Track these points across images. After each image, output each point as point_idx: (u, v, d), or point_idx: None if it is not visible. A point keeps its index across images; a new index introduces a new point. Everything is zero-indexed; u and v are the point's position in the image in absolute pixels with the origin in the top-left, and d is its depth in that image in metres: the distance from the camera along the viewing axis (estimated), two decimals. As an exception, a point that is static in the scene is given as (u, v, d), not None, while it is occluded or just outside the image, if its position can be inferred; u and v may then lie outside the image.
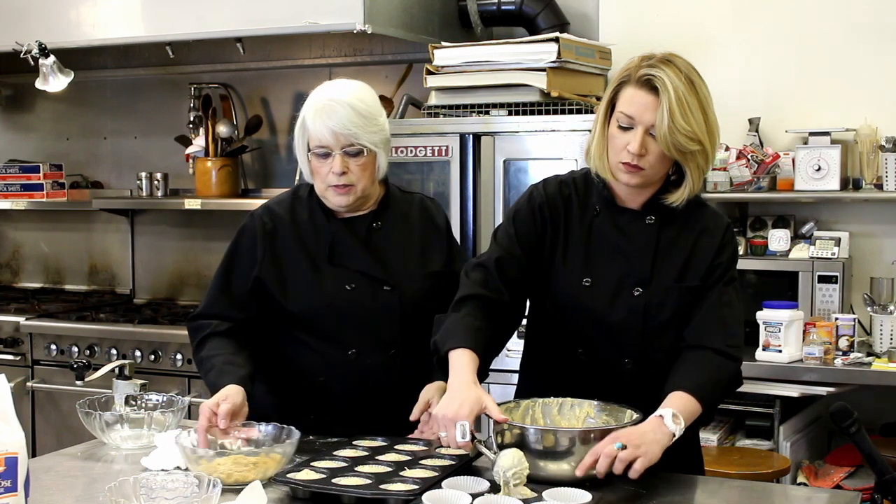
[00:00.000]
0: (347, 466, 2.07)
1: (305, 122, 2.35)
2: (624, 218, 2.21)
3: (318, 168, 2.36)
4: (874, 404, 3.68)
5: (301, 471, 2.03)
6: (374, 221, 2.44)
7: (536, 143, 3.69)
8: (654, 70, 2.08)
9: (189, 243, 5.04)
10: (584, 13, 4.24)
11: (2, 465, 1.66)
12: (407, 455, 2.16)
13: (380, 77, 4.52)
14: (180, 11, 4.09)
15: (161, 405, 2.41)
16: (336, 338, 2.39)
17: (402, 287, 2.40)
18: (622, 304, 2.18)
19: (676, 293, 2.18)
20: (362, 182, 2.35)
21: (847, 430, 2.08)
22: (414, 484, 1.96)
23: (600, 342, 2.21)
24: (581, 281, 2.20)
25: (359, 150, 2.32)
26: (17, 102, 5.43)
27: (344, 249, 2.41)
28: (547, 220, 2.24)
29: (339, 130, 2.30)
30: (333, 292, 2.38)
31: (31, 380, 4.43)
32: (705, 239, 2.20)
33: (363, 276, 2.39)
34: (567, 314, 2.22)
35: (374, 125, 2.34)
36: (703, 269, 2.18)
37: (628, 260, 2.19)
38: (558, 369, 2.23)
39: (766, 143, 3.92)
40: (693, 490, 2.07)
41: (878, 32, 3.83)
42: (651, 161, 2.11)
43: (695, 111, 2.07)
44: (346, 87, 2.38)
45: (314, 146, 2.34)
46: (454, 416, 1.99)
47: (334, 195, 2.36)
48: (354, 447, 2.22)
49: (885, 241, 3.85)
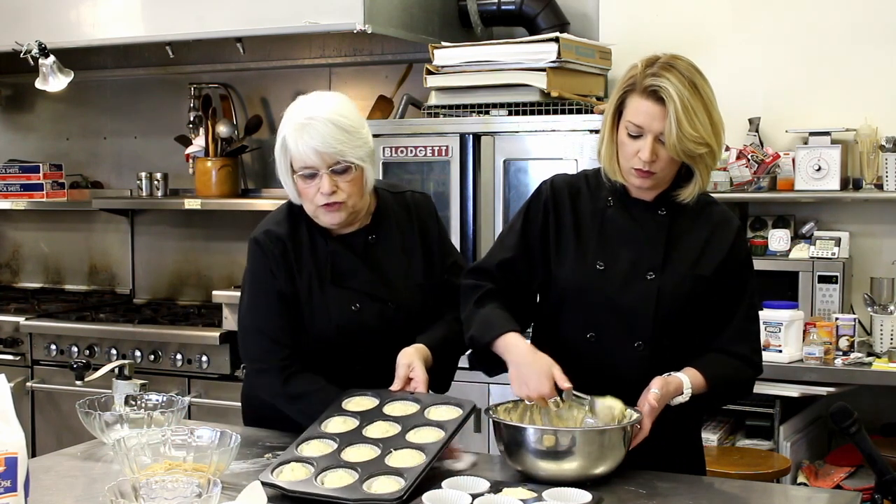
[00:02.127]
0: (335, 451, 2.08)
1: (287, 143, 2.25)
2: (637, 208, 2.25)
3: (304, 190, 2.28)
4: (874, 404, 3.68)
5: (287, 464, 2.04)
6: (369, 235, 2.40)
7: (536, 143, 3.69)
8: (658, 80, 2.10)
9: (189, 243, 5.04)
10: (584, 13, 4.24)
11: (2, 465, 1.66)
12: (396, 423, 2.17)
13: (380, 77, 4.52)
14: (180, 11, 4.09)
15: (161, 405, 2.40)
16: (342, 356, 2.38)
17: (403, 303, 2.40)
18: (635, 288, 2.21)
19: (690, 281, 2.21)
20: (353, 198, 2.29)
21: (847, 430, 2.08)
22: (397, 475, 1.98)
23: (612, 326, 2.23)
24: (595, 265, 2.23)
25: (346, 167, 2.24)
26: (17, 102, 5.43)
27: (345, 269, 2.37)
28: (553, 212, 2.28)
29: (323, 150, 2.21)
30: (340, 313, 2.36)
31: (31, 380, 4.44)
32: (719, 233, 2.26)
33: (367, 295, 2.37)
34: (579, 298, 2.25)
35: (357, 139, 2.26)
36: (716, 263, 2.23)
37: (641, 246, 2.23)
38: (568, 354, 2.24)
39: (766, 143, 3.92)
40: (693, 490, 2.07)
41: (878, 32, 3.83)
42: (661, 165, 2.15)
43: (700, 115, 2.11)
44: (324, 101, 2.28)
45: (298, 168, 2.25)
46: (539, 392, 2.10)
47: (325, 214, 2.29)
48: (343, 413, 2.22)
49: (885, 241, 3.85)
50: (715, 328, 2.25)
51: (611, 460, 2.04)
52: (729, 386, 2.26)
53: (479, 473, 2.06)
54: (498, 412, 2.16)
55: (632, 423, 2.06)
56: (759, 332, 2.33)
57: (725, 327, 2.25)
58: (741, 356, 2.25)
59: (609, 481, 2.03)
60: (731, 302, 2.25)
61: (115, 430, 2.29)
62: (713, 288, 2.22)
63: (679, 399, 2.14)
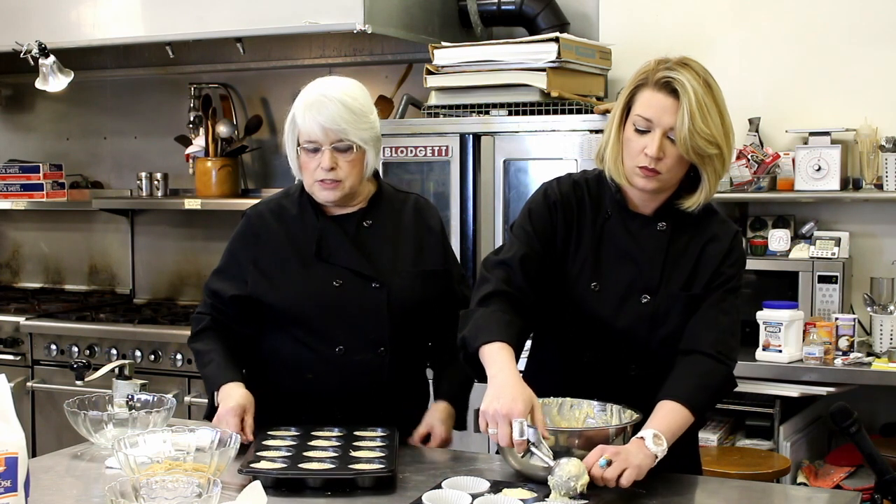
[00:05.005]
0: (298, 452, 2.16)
1: (295, 117, 2.36)
2: (635, 223, 2.20)
3: (306, 163, 2.37)
4: (874, 404, 3.69)
5: (259, 461, 2.09)
6: (363, 219, 2.45)
7: (536, 143, 3.69)
8: (672, 73, 2.07)
9: (189, 243, 5.04)
10: (584, 13, 4.24)
11: (2, 465, 1.66)
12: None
13: (380, 77, 4.52)
14: (180, 11, 4.09)
15: (151, 405, 2.39)
16: (323, 334, 2.39)
17: (390, 285, 2.40)
18: (629, 311, 2.17)
19: (682, 302, 2.17)
20: (350, 178, 2.36)
21: (847, 430, 2.08)
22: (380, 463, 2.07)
23: (606, 347, 2.20)
24: (589, 285, 2.19)
25: (348, 146, 2.33)
26: (17, 102, 5.43)
27: (332, 246, 2.41)
28: (560, 218, 2.22)
29: (328, 126, 2.31)
30: (320, 288, 2.38)
31: (31, 380, 4.44)
32: (712, 247, 2.19)
33: (350, 272, 2.39)
34: (574, 317, 2.21)
35: (364, 122, 2.35)
36: (706, 277, 2.17)
37: (638, 266, 2.18)
38: (564, 371, 2.23)
39: (766, 143, 3.92)
40: (693, 490, 2.07)
41: (878, 32, 3.83)
42: (668, 165, 2.09)
43: (713, 114, 2.07)
44: (339, 83, 2.39)
45: (303, 141, 2.36)
46: (508, 411, 1.91)
47: (321, 190, 2.37)
48: None
49: (885, 241, 3.85)
50: None
51: (610, 460, 2.03)
52: (707, 393, 2.12)
53: (479, 473, 2.07)
54: (498, 412, 2.15)
55: (632, 423, 2.06)
56: (730, 324, 2.16)
57: (692, 318, 2.14)
58: (706, 353, 2.11)
59: (609, 481, 2.03)
60: (704, 297, 2.16)
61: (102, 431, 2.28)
62: (703, 300, 2.17)
63: (660, 453, 1.99)
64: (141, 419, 2.28)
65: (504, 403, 1.92)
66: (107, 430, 2.28)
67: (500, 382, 1.96)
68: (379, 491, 2.01)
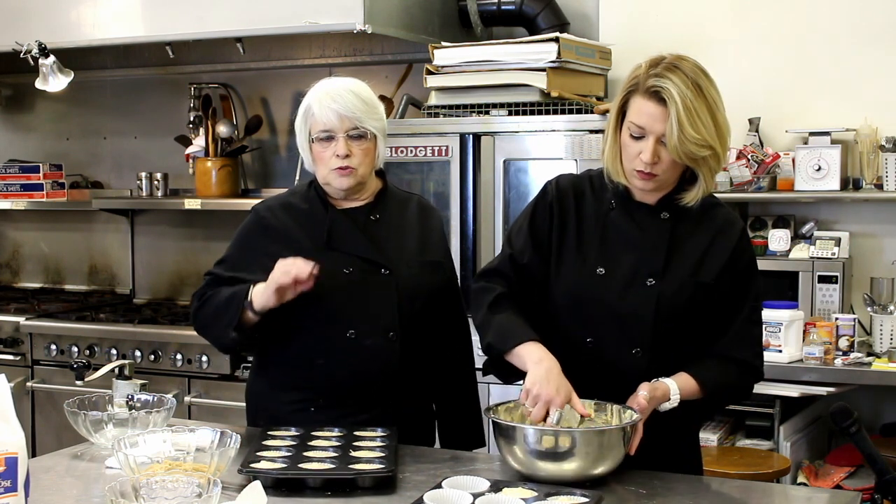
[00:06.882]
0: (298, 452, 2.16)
1: (311, 109, 2.43)
2: (640, 212, 2.24)
3: (320, 154, 2.44)
4: (874, 404, 3.69)
5: (259, 461, 2.09)
6: (371, 213, 2.51)
7: (536, 143, 3.69)
8: (660, 80, 2.09)
9: (189, 243, 5.04)
10: (584, 13, 4.24)
11: (2, 465, 1.66)
12: None
13: (380, 77, 4.52)
14: (180, 11, 4.09)
15: (151, 405, 2.39)
16: (335, 318, 2.43)
17: (399, 272, 2.46)
18: (635, 294, 2.20)
19: (690, 288, 2.20)
20: (363, 167, 2.44)
21: (847, 430, 2.08)
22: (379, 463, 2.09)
23: (610, 332, 2.22)
24: (595, 270, 2.22)
25: (362, 134, 2.42)
26: (17, 102, 5.43)
27: (342, 236, 2.47)
28: (558, 213, 2.27)
29: (344, 113, 2.39)
30: (331, 275, 2.40)
31: (31, 380, 4.44)
32: (721, 239, 2.24)
33: (361, 260, 2.45)
34: (579, 303, 2.24)
35: (375, 112, 2.46)
36: (717, 269, 2.21)
37: (642, 252, 2.22)
38: (566, 359, 2.24)
39: (766, 143, 3.92)
40: (693, 490, 2.07)
41: (877, 32, 3.83)
42: (664, 167, 2.14)
43: (704, 117, 2.09)
44: (347, 80, 2.49)
45: (318, 131, 2.42)
46: (549, 399, 2.05)
47: (337, 177, 2.43)
48: None
49: (885, 241, 3.85)
50: (716, 333, 2.23)
51: (610, 460, 2.03)
52: (727, 391, 2.26)
53: (479, 473, 2.07)
54: (498, 412, 2.16)
55: (632, 424, 2.06)
56: (760, 335, 2.31)
57: (726, 331, 2.23)
58: (741, 361, 2.23)
59: (609, 481, 2.04)
60: (732, 306, 2.23)
61: (102, 431, 2.28)
62: (714, 294, 2.21)
63: (667, 405, 2.13)
64: (141, 419, 2.29)
65: (548, 391, 2.06)
66: (107, 430, 2.28)
67: (546, 367, 2.09)
68: (379, 491, 2.01)
